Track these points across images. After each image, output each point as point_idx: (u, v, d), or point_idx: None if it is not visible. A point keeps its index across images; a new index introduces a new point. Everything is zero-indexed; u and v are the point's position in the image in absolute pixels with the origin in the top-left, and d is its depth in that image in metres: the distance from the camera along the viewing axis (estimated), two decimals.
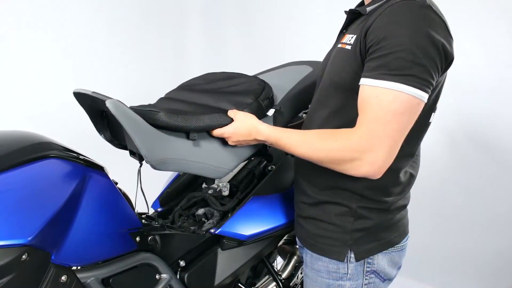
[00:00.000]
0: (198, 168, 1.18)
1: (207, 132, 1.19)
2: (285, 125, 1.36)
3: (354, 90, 1.03)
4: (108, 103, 1.04)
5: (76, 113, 2.86)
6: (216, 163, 1.20)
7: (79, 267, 1.07)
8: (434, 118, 1.13)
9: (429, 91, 0.96)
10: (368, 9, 1.07)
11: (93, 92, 1.14)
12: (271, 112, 1.30)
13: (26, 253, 0.93)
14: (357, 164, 0.99)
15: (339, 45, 1.12)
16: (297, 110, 1.41)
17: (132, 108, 1.15)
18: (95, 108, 1.23)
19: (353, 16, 1.14)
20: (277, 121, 1.32)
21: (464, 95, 2.43)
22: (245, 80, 1.37)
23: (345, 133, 1.01)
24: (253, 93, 1.27)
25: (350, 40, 1.06)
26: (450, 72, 1.06)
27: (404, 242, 1.23)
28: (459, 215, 2.54)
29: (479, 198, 2.48)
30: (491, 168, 2.43)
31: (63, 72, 2.77)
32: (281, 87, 1.39)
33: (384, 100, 0.94)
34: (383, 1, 1.03)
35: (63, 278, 1.02)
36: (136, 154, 1.21)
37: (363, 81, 0.98)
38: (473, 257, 2.51)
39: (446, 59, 0.98)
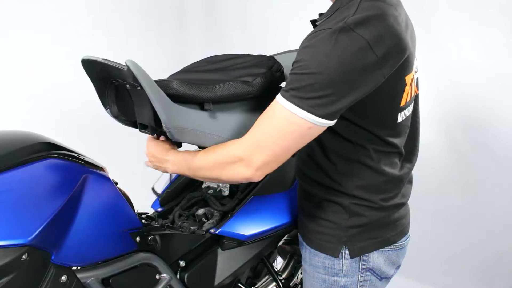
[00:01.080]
0: (212, 140, 1.13)
1: (222, 103, 1.15)
2: None
3: None
4: (129, 63, 1.00)
5: (77, 113, 2.87)
6: (231, 136, 1.15)
7: (79, 267, 1.07)
8: (434, 119, 1.13)
9: (330, 116, 0.96)
10: (318, 23, 1.08)
11: (104, 59, 1.09)
12: (283, 84, 1.29)
13: (26, 253, 0.93)
14: (237, 168, 1.03)
15: None
16: None
17: None
18: (104, 78, 1.17)
19: (315, 26, 1.14)
20: None
21: (464, 95, 2.43)
22: (253, 57, 1.33)
23: (233, 141, 1.06)
24: (265, 65, 1.23)
25: None
26: (450, 72, 1.06)
27: (403, 241, 1.23)
28: (459, 215, 2.54)
29: (479, 198, 2.48)
30: (491, 168, 2.43)
31: (63, 72, 2.77)
32: (290, 66, 1.37)
33: (277, 116, 0.98)
34: (328, 16, 1.04)
35: (63, 278, 1.02)
36: (148, 127, 1.16)
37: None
38: (473, 257, 2.51)
39: (370, 78, 0.96)
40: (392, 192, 1.18)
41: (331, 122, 0.98)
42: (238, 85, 1.13)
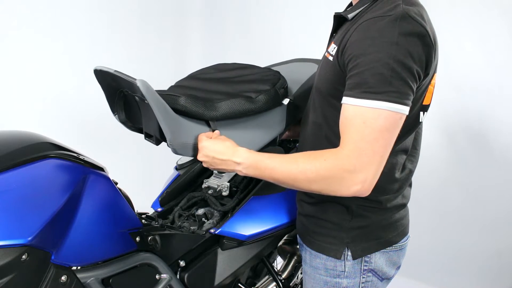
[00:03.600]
0: None
1: (226, 119, 1.18)
2: (297, 118, 1.36)
3: (331, 103, 1.08)
4: (139, 83, 1.03)
5: (77, 113, 2.87)
6: None
7: (79, 267, 1.07)
8: (434, 119, 1.14)
9: (410, 102, 0.97)
10: (350, 16, 1.08)
11: (116, 71, 1.12)
12: (286, 101, 1.29)
13: (26, 253, 0.93)
14: (347, 183, 0.97)
15: (326, 53, 1.14)
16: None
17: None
18: (114, 87, 1.21)
19: (340, 20, 1.14)
20: (290, 113, 1.31)
21: (464, 95, 2.43)
22: (259, 70, 1.35)
23: (332, 153, 0.99)
24: (270, 81, 1.25)
25: (333, 51, 1.08)
26: (450, 72, 1.07)
27: (403, 242, 1.23)
28: (459, 215, 2.54)
29: (479, 198, 2.48)
30: (491, 168, 2.43)
31: (63, 72, 2.77)
32: (294, 81, 1.38)
33: (368, 118, 0.95)
34: (364, 7, 1.05)
35: (63, 278, 1.02)
36: (152, 137, 1.19)
37: (345, 100, 0.99)
38: (473, 257, 2.51)
39: (427, 66, 0.99)
40: (396, 193, 1.17)
41: (409, 108, 0.98)
42: (241, 102, 1.17)
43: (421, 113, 1.11)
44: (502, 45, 2.30)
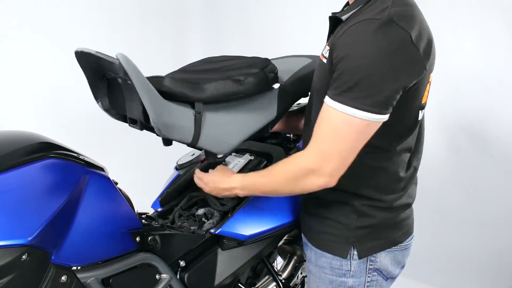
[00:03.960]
0: (201, 140, 1.13)
1: (214, 103, 1.15)
2: (289, 106, 1.35)
3: None
4: (119, 56, 1.00)
5: (77, 113, 2.87)
6: (221, 136, 1.16)
7: (79, 267, 1.07)
8: (434, 119, 1.14)
9: (385, 110, 0.98)
10: (344, 17, 1.08)
11: (97, 52, 1.09)
12: (276, 85, 1.28)
13: (26, 253, 0.93)
14: (310, 180, 1.05)
15: (320, 55, 1.14)
16: (299, 94, 1.39)
17: None
18: (97, 71, 1.17)
19: (335, 21, 1.14)
20: (282, 99, 1.29)
21: (464, 95, 2.43)
22: (248, 59, 1.32)
23: (298, 155, 1.08)
24: (259, 65, 1.23)
25: (326, 53, 1.08)
26: (450, 72, 1.07)
27: (408, 241, 1.24)
28: (459, 215, 2.54)
29: (479, 198, 2.48)
30: (491, 168, 2.43)
31: (63, 73, 2.77)
32: (286, 70, 1.37)
33: (334, 121, 0.99)
34: (358, 8, 1.05)
35: (63, 278, 1.02)
36: (137, 122, 1.15)
37: (325, 98, 1.02)
38: (473, 257, 2.51)
39: (412, 70, 0.98)
40: (401, 192, 1.18)
41: (386, 117, 0.99)
42: (229, 84, 1.13)
43: (420, 111, 1.11)
44: (502, 45, 2.30)
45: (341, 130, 0.99)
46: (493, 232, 2.45)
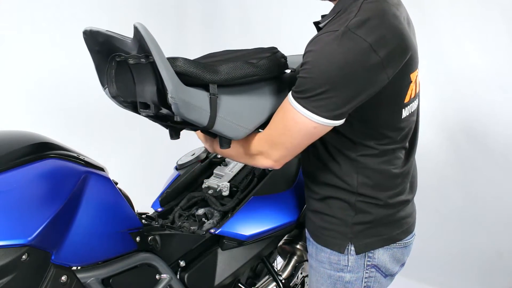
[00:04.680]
0: (217, 123, 1.09)
1: (228, 86, 1.11)
2: None
3: None
4: (138, 24, 0.95)
5: (77, 113, 2.87)
6: (236, 120, 1.12)
7: (79, 267, 1.07)
8: (434, 119, 1.14)
9: (337, 118, 1.00)
10: (321, 25, 1.11)
11: (108, 31, 1.04)
12: (288, 71, 1.27)
13: (26, 253, 0.93)
14: (259, 159, 1.15)
15: None
16: None
17: None
18: (105, 52, 1.11)
19: (317, 27, 1.17)
20: (294, 84, 1.27)
21: (464, 95, 2.43)
22: (255, 48, 1.29)
23: (257, 136, 1.15)
24: (269, 51, 1.21)
25: None
26: (450, 72, 1.07)
27: (408, 239, 1.24)
28: (459, 215, 2.54)
29: (479, 198, 2.48)
30: (491, 168, 2.43)
31: (63, 72, 2.77)
32: (292, 62, 1.37)
33: (287, 116, 1.05)
34: (333, 17, 1.06)
35: (63, 278, 1.02)
36: (150, 107, 1.08)
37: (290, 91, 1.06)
38: (473, 257, 2.51)
39: (374, 78, 0.98)
40: (398, 189, 1.19)
41: (337, 122, 1.02)
42: (243, 66, 1.11)
43: (404, 110, 1.11)
44: (502, 45, 2.30)
45: (291, 125, 1.04)
46: (493, 232, 2.45)
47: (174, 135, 1.17)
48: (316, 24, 1.18)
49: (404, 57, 1.01)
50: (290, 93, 1.04)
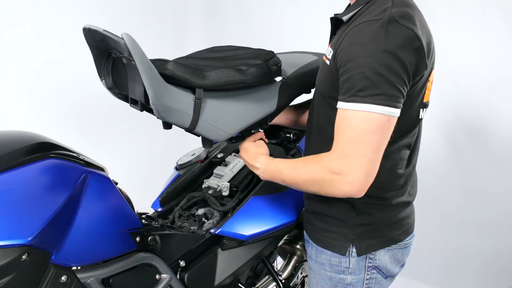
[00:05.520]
0: (199, 126, 1.14)
1: (215, 91, 1.15)
2: (289, 101, 1.35)
3: (332, 105, 1.08)
4: (125, 35, 1.02)
5: (77, 113, 2.87)
6: (218, 124, 1.16)
7: (79, 267, 1.07)
8: (434, 118, 1.14)
9: (399, 104, 0.99)
10: (345, 18, 1.10)
11: (104, 30, 1.10)
12: (278, 79, 1.29)
13: (26, 253, 0.93)
14: (336, 185, 1.01)
15: (324, 56, 1.16)
16: (301, 89, 1.39)
17: None
18: (102, 49, 1.19)
19: (337, 22, 1.16)
20: (283, 93, 1.29)
21: (464, 94, 2.43)
22: (254, 50, 1.33)
23: (323, 156, 1.05)
24: (263, 57, 1.24)
25: (329, 55, 1.10)
26: (450, 71, 1.08)
27: (408, 240, 1.24)
28: (459, 215, 2.54)
29: (479, 198, 2.48)
30: (491, 168, 2.43)
31: (63, 73, 2.77)
32: (290, 64, 1.38)
33: (354, 122, 0.98)
34: (359, 9, 1.07)
35: (63, 278, 1.02)
36: (138, 103, 1.16)
37: (338, 104, 1.02)
38: (473, 257, 2.51)
39: (417, 68, 1.01)
40: (401, 189, 1.19)
41: (399, 110, 1.00)
42: (231, 73, 1.14)
43: (421, 110, 1.12)
44: (502, 45, 2.30)
45: (363, 128, 0.97)
46: (493, 232, 2.45)
47: (165, 126, 1.20)
48: (334, 19, 1.15)
49: (432, 51, 1.06)
50: (343, 101, 1.00)
